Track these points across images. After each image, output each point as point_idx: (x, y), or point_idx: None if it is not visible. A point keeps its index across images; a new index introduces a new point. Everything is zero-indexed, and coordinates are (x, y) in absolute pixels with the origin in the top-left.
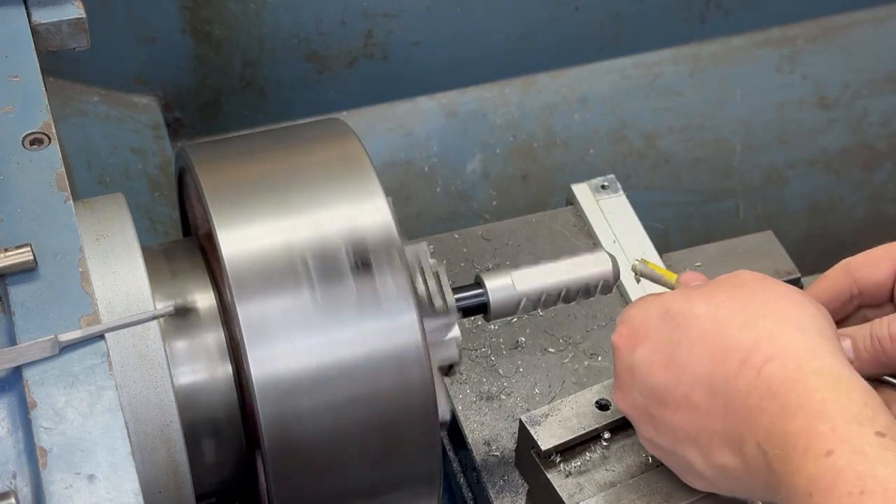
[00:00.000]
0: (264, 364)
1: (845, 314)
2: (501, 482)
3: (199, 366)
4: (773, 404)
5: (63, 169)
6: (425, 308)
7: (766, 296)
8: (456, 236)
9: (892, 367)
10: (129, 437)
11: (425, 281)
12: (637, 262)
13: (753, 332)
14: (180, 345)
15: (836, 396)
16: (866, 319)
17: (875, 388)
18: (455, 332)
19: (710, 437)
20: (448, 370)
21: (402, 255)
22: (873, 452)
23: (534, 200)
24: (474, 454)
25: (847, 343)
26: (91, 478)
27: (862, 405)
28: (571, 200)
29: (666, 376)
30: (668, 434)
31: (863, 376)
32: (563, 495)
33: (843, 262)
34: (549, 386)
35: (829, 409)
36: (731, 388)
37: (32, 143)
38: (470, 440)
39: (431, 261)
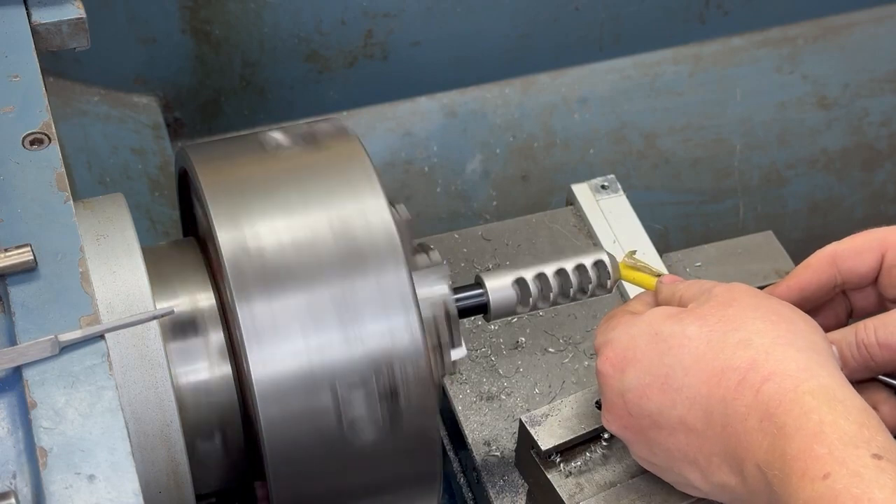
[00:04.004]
0: (264, 364)
1: (827, 299)
2: (501, 482)
3: (199, 366)
4: (772, 426)
5: (63, 169)
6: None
7: (758, 314)
8: (456, 236)
9: (882, 370)
10: (129, 437)
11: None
12: (625, 259)
13: (749, 351)
14: (180, 345)
15: (832, 418)
16: (846, 299)
17: (866, 388)
18: (460, 352)
19: (708, 458)
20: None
21: (405, 258)
22: (870, 475)
23: (534, 200)
24: (474, 454)
25: (833, 349)
26: (91, 478)
27: (859, 426)
28: (571, 200)
29: (661, 399)
30: (664, 454)
31: (853, 381)
32: (563, 495)
33: (829, 250)
34: (549, 386)
35: (826, 430)
36: (729, 410)
37: (32, 143)
38: (470, 440)
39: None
